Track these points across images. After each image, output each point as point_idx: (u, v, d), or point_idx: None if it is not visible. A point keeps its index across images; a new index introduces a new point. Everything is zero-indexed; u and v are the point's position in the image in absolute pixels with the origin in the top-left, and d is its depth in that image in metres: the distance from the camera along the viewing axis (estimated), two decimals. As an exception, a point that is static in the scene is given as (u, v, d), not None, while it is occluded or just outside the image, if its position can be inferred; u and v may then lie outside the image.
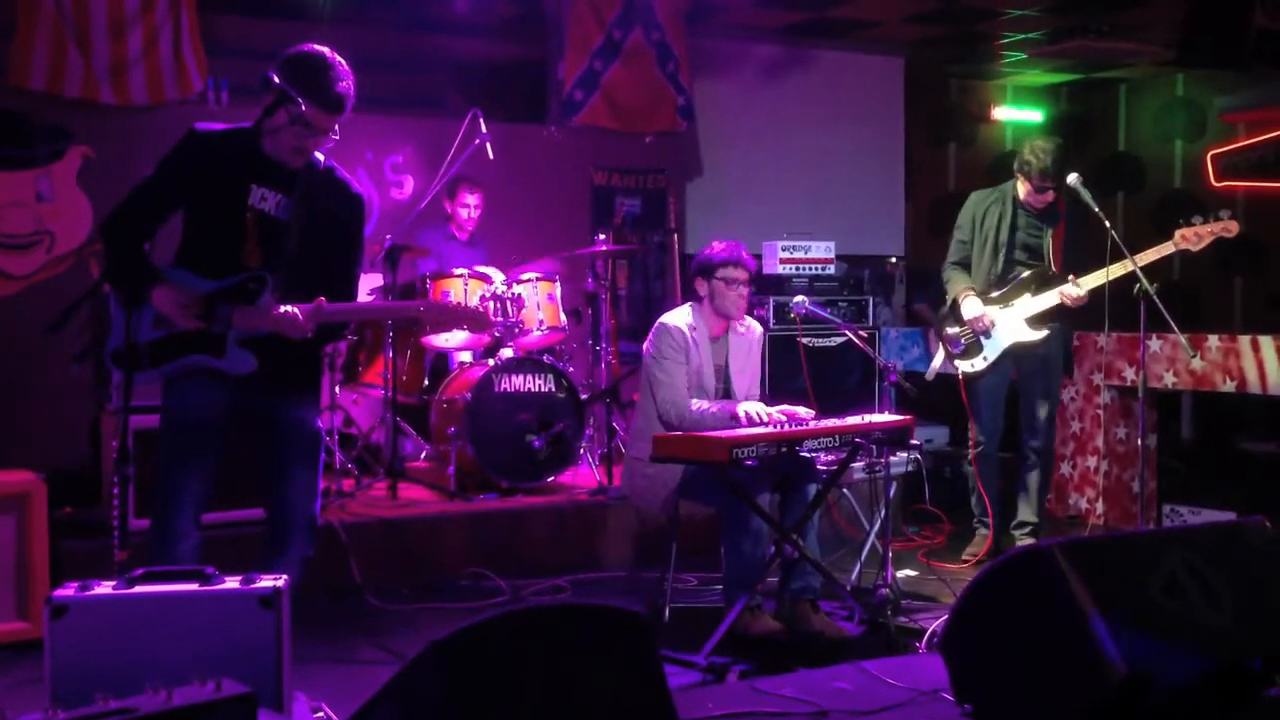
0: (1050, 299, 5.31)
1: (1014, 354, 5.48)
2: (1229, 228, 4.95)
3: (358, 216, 3.68)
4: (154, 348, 3.41)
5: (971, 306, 5.45)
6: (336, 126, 3.44)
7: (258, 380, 3.44)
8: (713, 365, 4.68)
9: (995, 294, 5.47)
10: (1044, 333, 5.38)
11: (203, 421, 3.43)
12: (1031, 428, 5.57)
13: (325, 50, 3.42)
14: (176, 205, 3.47)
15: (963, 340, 5.52)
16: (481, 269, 6.15)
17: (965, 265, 5.59)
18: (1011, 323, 5.42)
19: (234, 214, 3.44)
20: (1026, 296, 5.39)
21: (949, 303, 5.63)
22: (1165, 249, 5.00)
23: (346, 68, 3.42)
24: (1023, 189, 5.45)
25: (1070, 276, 5.26)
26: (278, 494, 3.53)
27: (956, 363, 5.51)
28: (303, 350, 3.52)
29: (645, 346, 4.72)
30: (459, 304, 3.75)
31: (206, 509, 3.48)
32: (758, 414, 4.41)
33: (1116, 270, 5.02)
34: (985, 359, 5.47)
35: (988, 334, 5.44)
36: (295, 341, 3.41)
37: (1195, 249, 4.99)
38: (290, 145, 3.42)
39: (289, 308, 3.36)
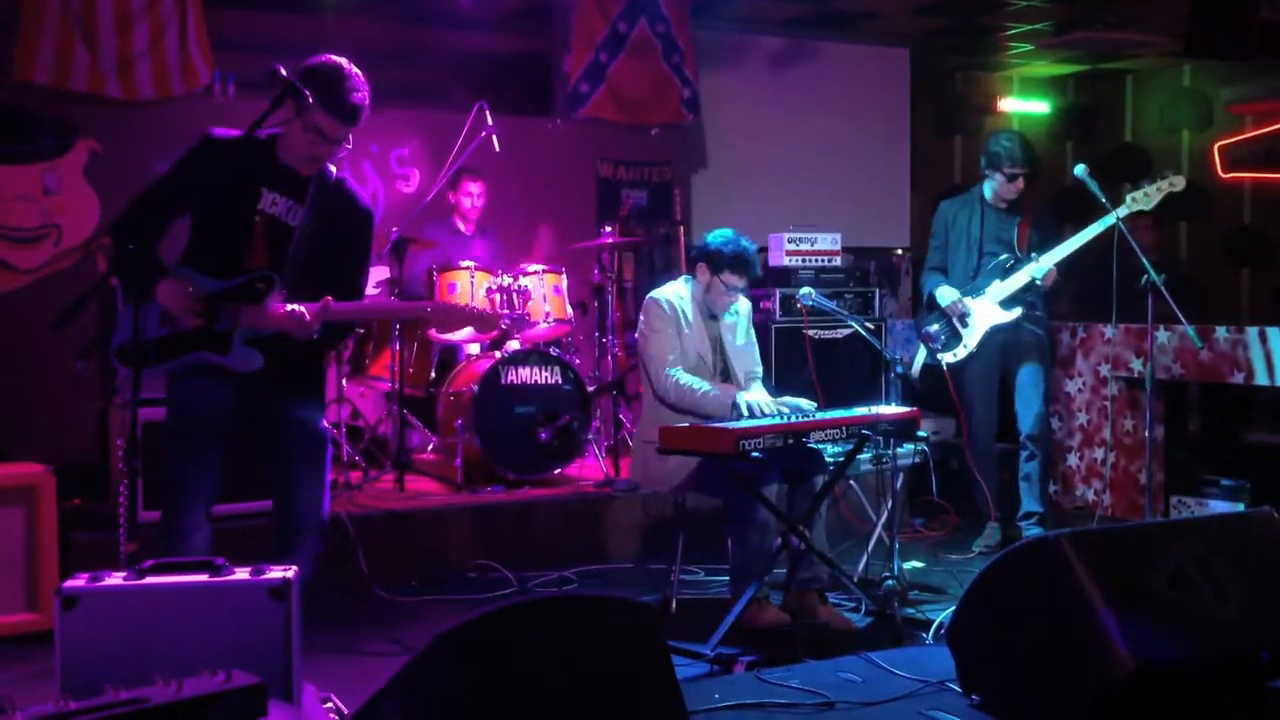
0: (1019, 280, 5.51)
1: (999, 345, 5.63)
2: (1174, 183, 5.21)
3: (366, 231, 3.71)
4: (160, 344, 3.42)
5: (945, 294, 5.66)
6: (350, 136, 3.47)
7: (261, 381, 3.46)
8: (708, 337, 4.66)
9: (969, 287, 5.65)
10: (1017, 311, 5.56)
11: (208, 416, 3.45)
12: (1026, 418, 5.67)
13: (342, 61, 3.45)
14: (187, 207, 3.50)
15: (941, 334, 5.68)
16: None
17: (942, 269, 5.81)
18: (985, 308, 5.60)
19: (243, 217, 3.47)
20: (996, 282, 5.58)
21: (925, 301, 5.83)
22: (1120, 212, 5.19)
23: (362, 79, 3.45)
24: (993, 185, 5.66)
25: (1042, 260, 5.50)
26: (286, 497, 3.55)
27: (939, 356, 5.61)
28: (307, 351, 3.53)
29: (639, 330, 4.70)
30: (467, 305, 3.74)
31: (216, 502, 3.50)
32: (759, 406, 4.41)
33: (1081, 239, 5.33)
34: (966, 347, 5.63)
35: (964, 321, 5.60)
36: (301, 342, 3.42)
37: (1148, 208, 5.27)
38: (304, 153, 3.46)
39: (295, 306, 3.37)
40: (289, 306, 3.38)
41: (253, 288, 3.44)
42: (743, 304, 4.84)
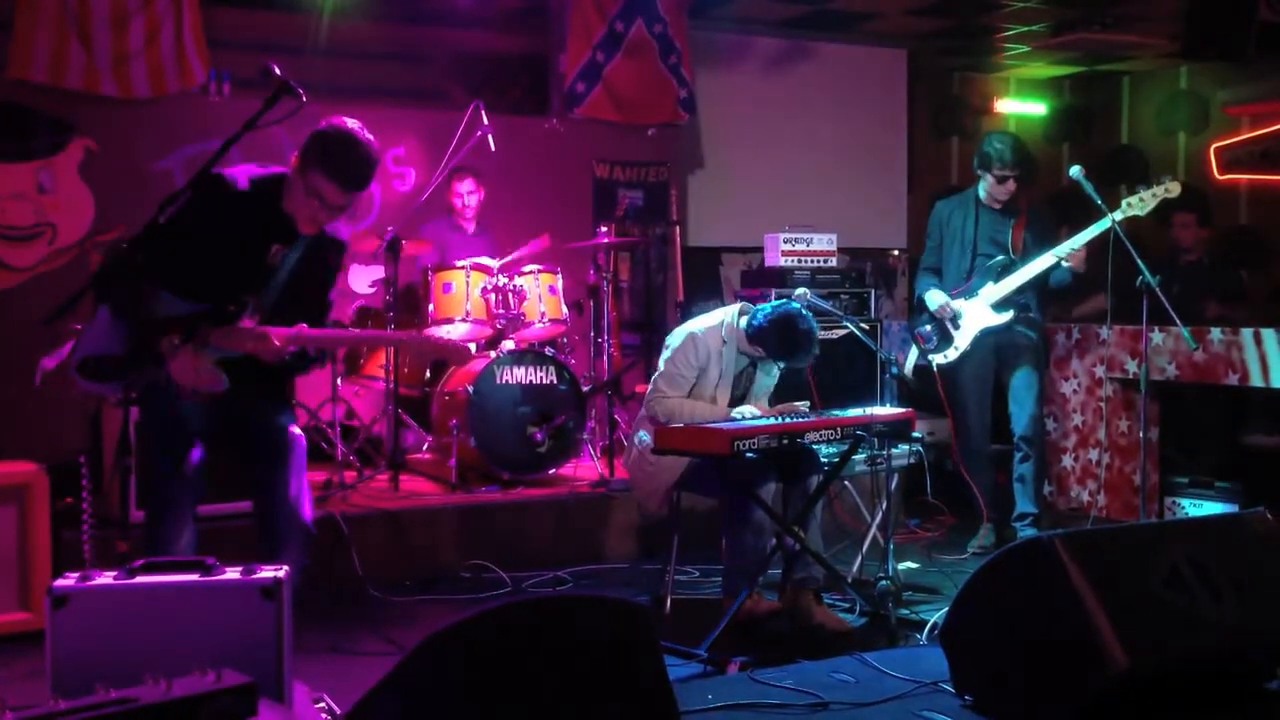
0: (1013, 282, 5.51)
1: (993, 347, 5.64)
2: (1170, 189, 5.23)
3: (336, 264, 3.74)
4: (127, 360, 3.39)
5: (935, 298, 5.67)
6: (354, 200, 3.49)
7: (228, 396, 3.45)
8: (735, 373, 4.64)
9: (962, 288, 5.65)
10: (1009, 314, 5.56)
11: (182, 419, 3.46)
12: (1019, 419, 5.68)
13: (353, 125, 3.41)
14: (190, 243, 3.43)
15: (933, 335, 5.69)
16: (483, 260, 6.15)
17: (936, 270, 5.82)
18: (976, 310, 5.60)
19: (244, 267, 3.45)
20: (990, 284, 5.58)
21: (917, 302, 5.84)
22: (1115, 216, 5.19)
23: (371, 145, 3.41)
24: (985, 186, 5.66)
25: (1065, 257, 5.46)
26: (266, 506, 3.54)
27: (930, 357, 5.62)
28: (274, 369, 3.52)
29: (670, 339, 4.68)
30: (443, 341, 3.74)
31: (201, 502, 3.50)
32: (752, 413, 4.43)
33: (1079, 240, 5.32)
34: (957, 349, 5.64)
35: (955, 323, 5.61)
36: (269, 364, 3.41)
37: (1143, 213, 5.26)
38: (305, 215, 3.44)
39: (261, 328, 3.36)
40: (259, 328, 3.37)
41: (225, 311, 3.42)
42: None
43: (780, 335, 4.42)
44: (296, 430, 3.64)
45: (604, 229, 6.44)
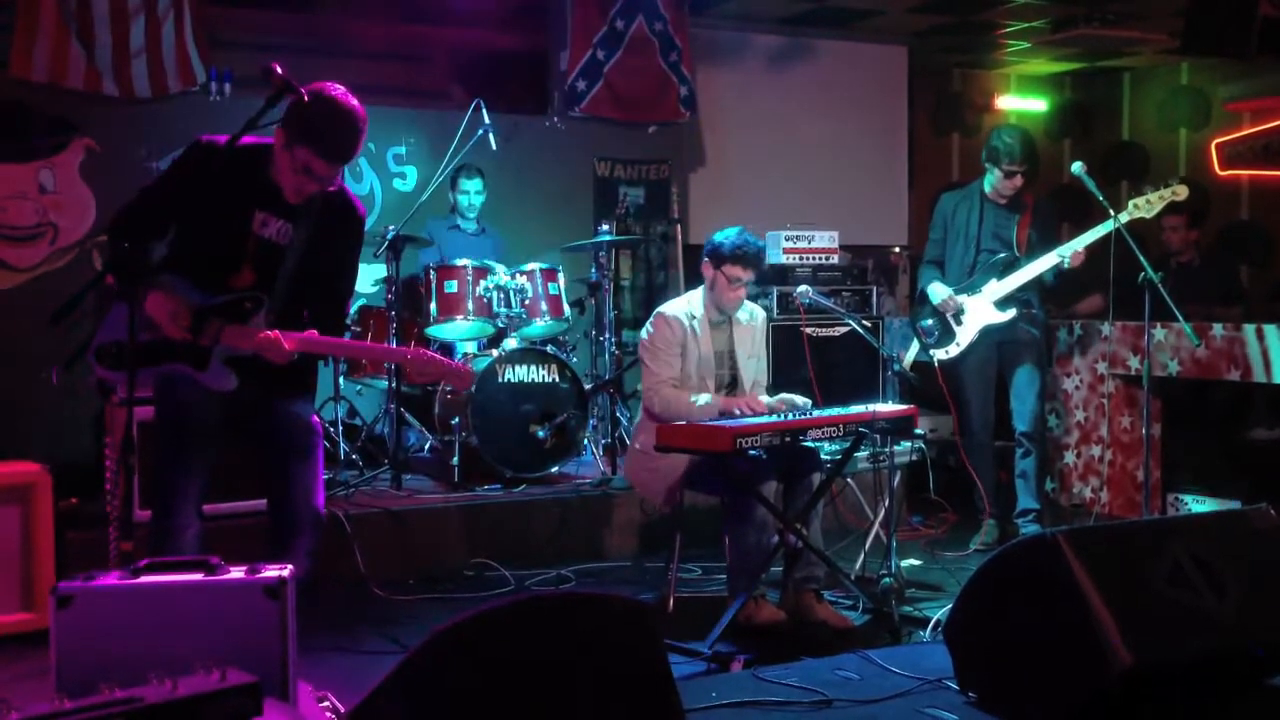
0: (1016, 280, 5.50)
1: (995, 343, 5.65)
2: (1177, 192, 5.24)
3: (356, 241, 3.66)
4: (140, 349, 3.39)
5: (938, 292, 5.66)
6: (341, 171, 3.45)
7: (246, 379, 3.45)
8: (714, 352, 4.67)
9: (965, 283, 5.65)
10: (1011, 312, 5.55)
11: (195, 416, 3.45)
12: (1020, 415, 5.69)
13: (337, 94, 3.35)
14: (180, 212, 3.45)
15: (934, 330, 5.70)
16: (487, 262, 6.14)
17: (939, 263, 5.82)
18: (979, 306, 5.60)
19: (234, 238, 3.44)
20: (993, 281, 5.58)
21: (919, 296, 5.84)
22: (1121, 218, 5.21)
23: (356, 114, 3.35)
24: (991, 180, 5.66)
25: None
26: (281, 493, 3.53)
27: (931, 352, 5.62)
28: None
29: (642, 335, 4.72)
30: (445, 362, 3.72)
31: (207, 499, 3.50)
32: (749, 407, 4.43)
33: (1083, 241, 5.33)
34: (958, 344, 5.63)
35: (958, 318, 5.61)
36: (277, 365, 3.41)
37: (1149, 216, 5.29)
38: (291, 185, 3.41)
39: (273, 332, 3.36)
40: (271, 333, 3.36)
41: (240, 307, 3.42)
42: (758, 314, 4.85)
43: (726, 239, 4.66)
44: (315, 419, 3.64)
45: (605, 227, 6.45)
